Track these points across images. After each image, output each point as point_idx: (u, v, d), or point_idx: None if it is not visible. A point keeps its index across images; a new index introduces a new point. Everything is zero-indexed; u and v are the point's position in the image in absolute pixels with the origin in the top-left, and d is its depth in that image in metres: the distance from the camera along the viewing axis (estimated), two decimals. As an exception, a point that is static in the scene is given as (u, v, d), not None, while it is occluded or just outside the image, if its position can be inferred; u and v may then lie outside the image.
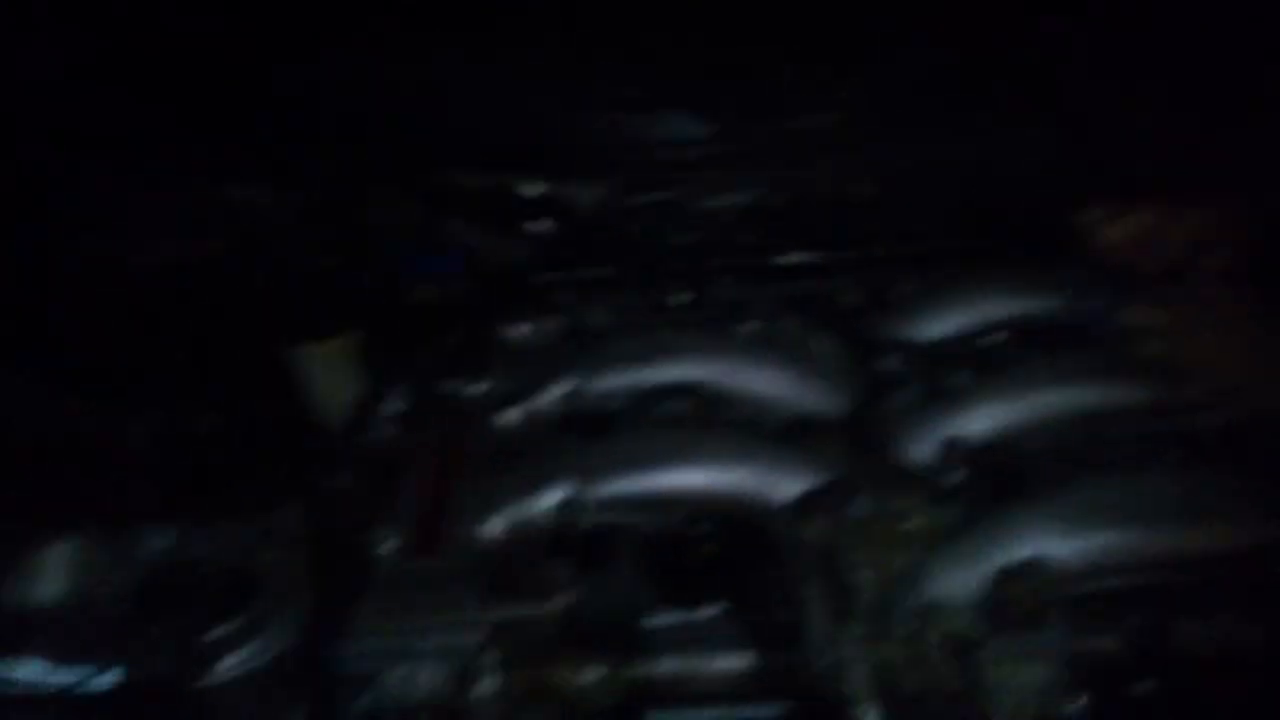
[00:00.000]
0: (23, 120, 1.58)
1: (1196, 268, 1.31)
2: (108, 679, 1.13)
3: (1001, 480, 1.14)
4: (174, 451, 1.51)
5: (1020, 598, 1.00)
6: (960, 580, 1.05)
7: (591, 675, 1.03)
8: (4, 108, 1.54)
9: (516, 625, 1.06)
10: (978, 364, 1.30)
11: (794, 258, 1.54)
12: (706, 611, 1.05)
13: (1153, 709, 0.94)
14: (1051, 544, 1.03)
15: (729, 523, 1.12)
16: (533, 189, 1.81)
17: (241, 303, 1.64)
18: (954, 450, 1.18)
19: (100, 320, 1.62)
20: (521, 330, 1.53)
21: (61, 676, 1.16)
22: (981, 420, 1.21)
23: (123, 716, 1.02)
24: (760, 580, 1.07)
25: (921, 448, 1.22)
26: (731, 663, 1.00)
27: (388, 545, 1.16)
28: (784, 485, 1.16)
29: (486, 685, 1.02)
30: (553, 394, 1.36)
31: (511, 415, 1.37)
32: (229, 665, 1.19)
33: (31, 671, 1.16)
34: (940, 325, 1.40)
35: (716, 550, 1.09)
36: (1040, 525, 1.04)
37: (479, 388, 1.43)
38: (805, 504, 1.13)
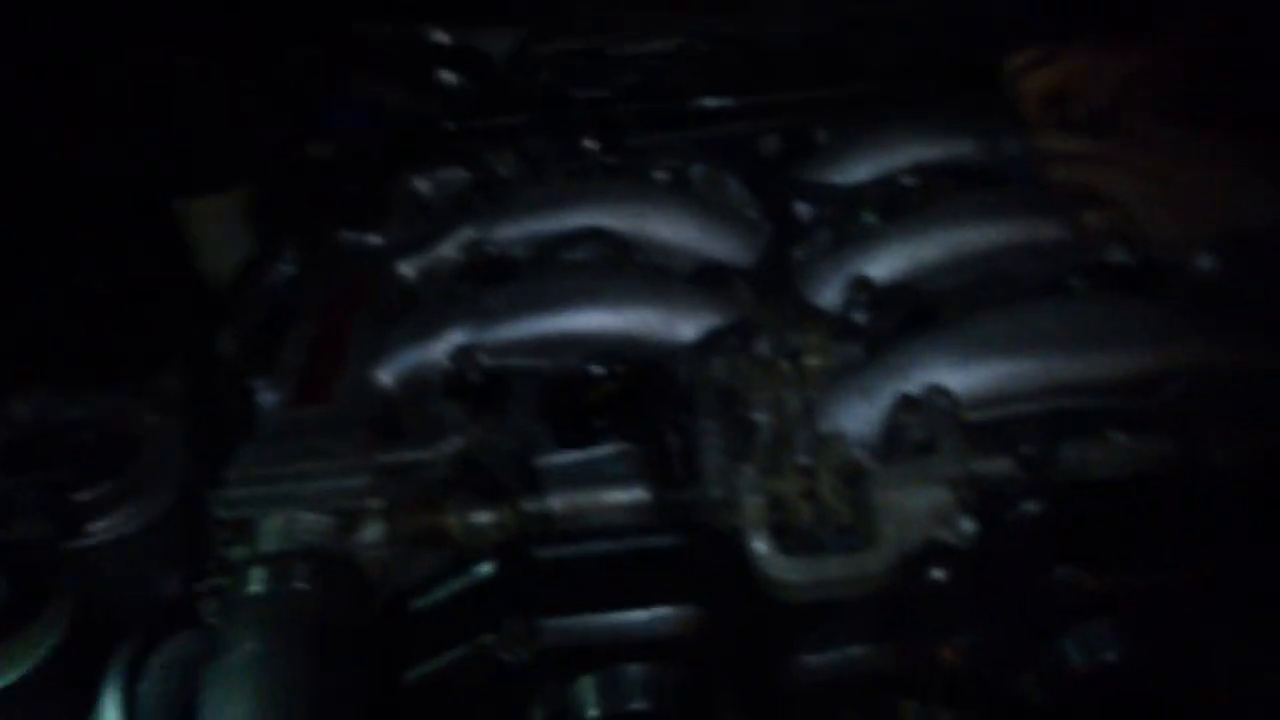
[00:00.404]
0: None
1: (1120, 109, 1.26)
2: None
3: (905, 318, 1.12)
4: (49, 310, 1.44)
5: (914, 426, 0.98)
6: (856, 413, 1.04)
7: (481, 517, 1.00)
8: None
9: (405, 469, 1.03)
10: (887, 206, 1.26)
11: (708, 103, 1.48)
12: (602, 450, 1.02)
13: (1041, 531, 0.93)
14: (948, 374, 1.01)
15: (629, 363, 1.09)
16: (442, 38, 1.72)
17: (128, 154, 1.55)
18: (859, 290, 1.15)
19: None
20: (423, 180, 1.47)
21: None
22: (888, 261, 1.18)
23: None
24: (658, 419, 1.05)
25: (829, 290, 1.19)
26: (624, 497, 0.98)
27: (270, 396, 1.12)
28: (686, 326, 1.13)
29: (371, 531, 0.99)
30: (453, 243, 1.31)
31: (409, 265, 1.32)
32: (102, 528, 1.15)
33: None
34: (854, 171, 1.35)
35: (614, 390, 1.06)
36: (937, 356, 1.02)
37: (377, 239, 1.37)
38: (706, 344, 1.10)
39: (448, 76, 1.70)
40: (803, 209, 1.37)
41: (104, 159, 1.49)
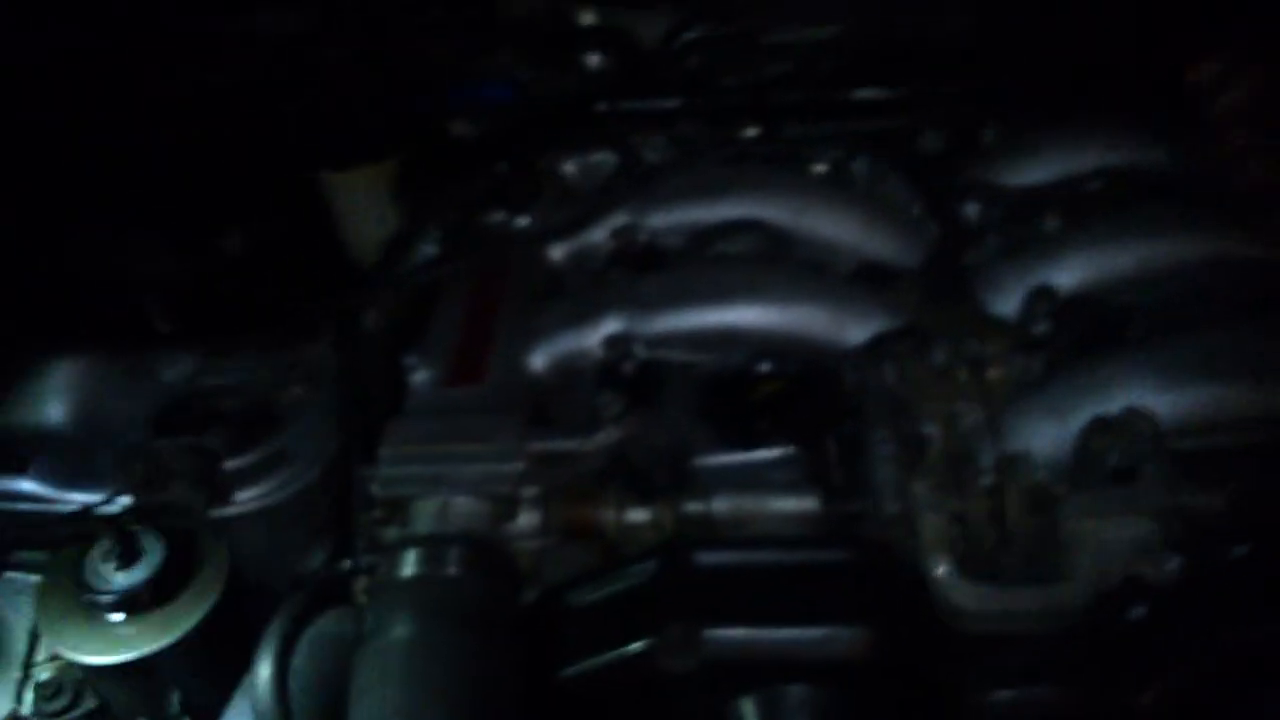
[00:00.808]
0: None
1: None
2: (116, 505, 1.08)
3: (1091, 332, 1.04)
4: (200, 277, 1.44)
5: (1111, 451, 0.91)
6: (1045, 432, 0.96)
7: (637, 515, 0.96)
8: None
9: (559, 459, 0.99)
10: (1068, 212, 1.17)
11: (871, 94, 1.40)
12: (765, 453, 0.96)
13: (1251, 574, 0.85)
14: (1147, 396, 0.93)
15: (793, 364, 1.03)
16: (588, 18, 1.68)
17: (276, 129, 1.54)
18: (1041, 300, 1.07)
19: (128, 143, 1.53)
20: (573, 163, 1.43)
21: (68, 499, 1.11)
22: (1073, 270, 1.10)
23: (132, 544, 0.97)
24: (824, 424, 0.99)
25: (1006, 298, 1.12)
26: (792, 505, 0.92)
27: (422, 373, 1.09)
28: (853, 329, 1.07)
29: (525, 520, 0.96)
30: (604, 228, 1.27)
31: (558, 248, 1.28)
32: (247, 497, 1.15)
33: (35, 491, 1.12)
34: (1028, 172, 1.27)
35: (778, 390, 1.00)
36: (1135, 376, 0.95)
37: (524, 220, 1.33)
38: (877, 348, 1.04)
39: (593, 57, 1.66)
40: (970, 209, 1.29)
41: (254, 131, 1.49)
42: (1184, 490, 0.86)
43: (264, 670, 0.85)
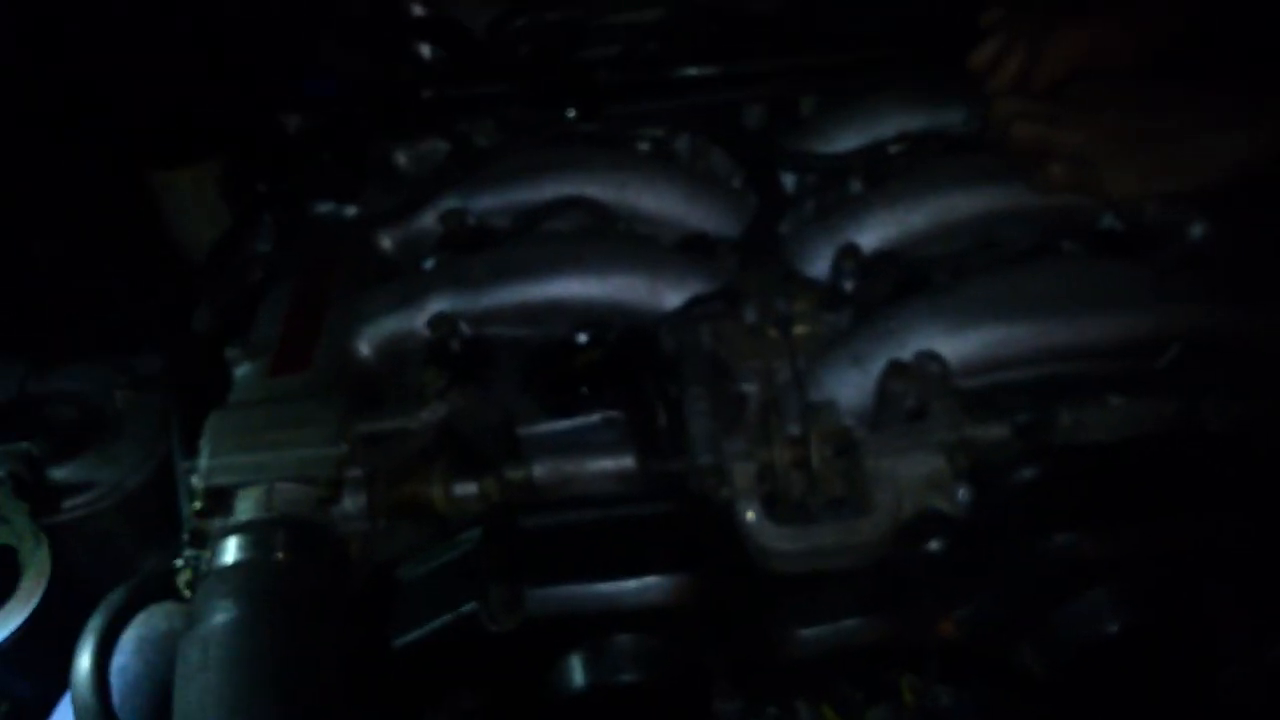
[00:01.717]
0: None
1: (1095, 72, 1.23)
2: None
3: (894, 285, 1.10)
4: (24, 283, 1.40)
5: (906, 394, 0.97)
6: (850, 381, 1.02)
7: (464, 488, 0.97)
8: None
9: (385, 438, 1.00)
10: (872, 175, 1.24)
11: (690, 72, 1.44)
12: (588, 418, 0.99)
13: (1038, 497, 0.91)
14: (940, 340, 0.99)
15: (614, 331, 1.06)
16: (418, 9, 1.68)
17: (101, 128, 1.50)
18: (846, 258, 1.12)
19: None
20: (402, 151, 1.43)
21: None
22: (876, 228, 1.16)
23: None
24: (645, 388, 1.02)
25: (818, 259, 1.17)
26: (611, 465, 0.95)
27: (245, 365, 1.08)
28: (672, 294, 1.10)
29: (350, 502, 0.96)
30: (432, 212, 1.28)
31: (387, 235, 1.29)
32: (75, 503, 1.13)
33: None
34: (840, 140, 1.33)
35: (599, 357, 1.03)
36: (929, 321, 1.01)
37: (353, 209, 1.33)
38: (692, 310, 1.07)
39: (424, 47, 1.66)
40: (788, 179, 1.34)
41: (77, 131, 1.45)
42: (968, 424, 0.93)
43: (82, 663, 0.84)
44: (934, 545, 0.94)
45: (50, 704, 0.92)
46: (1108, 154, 1.10)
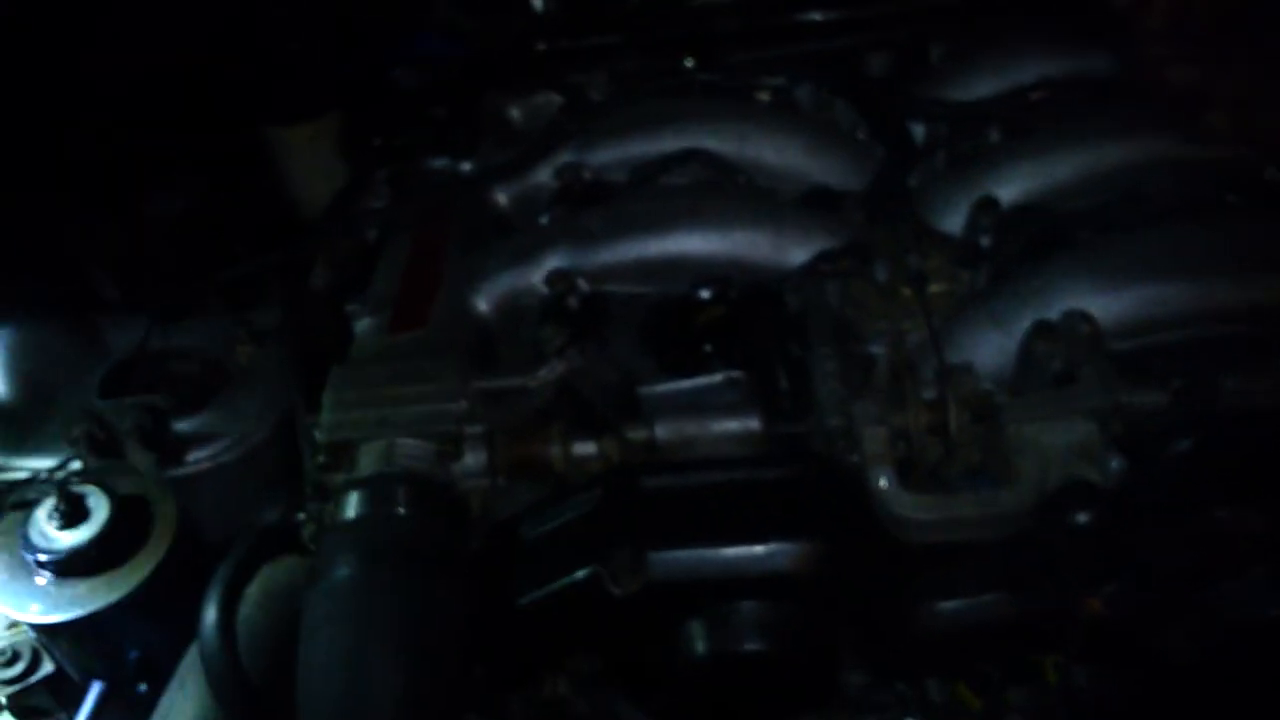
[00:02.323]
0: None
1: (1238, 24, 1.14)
2: (68, 470, 1.08)
3: (1034, 241, 1.03)
4: (145, 240, 1.42)
5: (1053, 356, 0.90)
6: (990, 342, 0.96)
7: (583, 447, 0.95)
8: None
9: (504, 395, 0.98)
10: (1008, 125, 1.16)
11: (814, 16, 1.38)
12: (709, 378, 0.96)
13: (1197, 469, 0.84)
14: (1086, 299, 0.93)
15: (736, 288, 1.02)
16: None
17: (219, 86, 1.51)
18: (984, 212, 1.06)
19: (64, 112, 1.50)
20: (516, 106, 1.41)
21: (17, 465, 1.11)
22: (1016, 181, 1.09)
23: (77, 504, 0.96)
24: (769, 347, 0.98)
25: (952, 213, 1.11)
26: (734, 426, 0.92)
27: (366, 321, 1.08)
28: (797, 250, 1.06)
29: (471, 459, 0.95)
30: (547, 168, 1.25)
31: (503, 191, 1.27)
32: (199, 456, 1.14)
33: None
34: (973, 88, 1.26)
35: (722, 315, 0.99)
36: (1078, 280, 0.94)
37: (468, 164, 1.32)
38: (818, 267, 1.03)
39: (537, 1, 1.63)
40: (918, 129, 1.28)
41: (196, 88, 1.46)
42: (1122, 389, 0.86)
43: (208, 615, 0.84)
44: (1081, 518, 0.89)
45: (178, 654, 0.93)
46: (1277, 100, 1.01)
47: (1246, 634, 0.85)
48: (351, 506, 0.89)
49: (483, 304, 1.10)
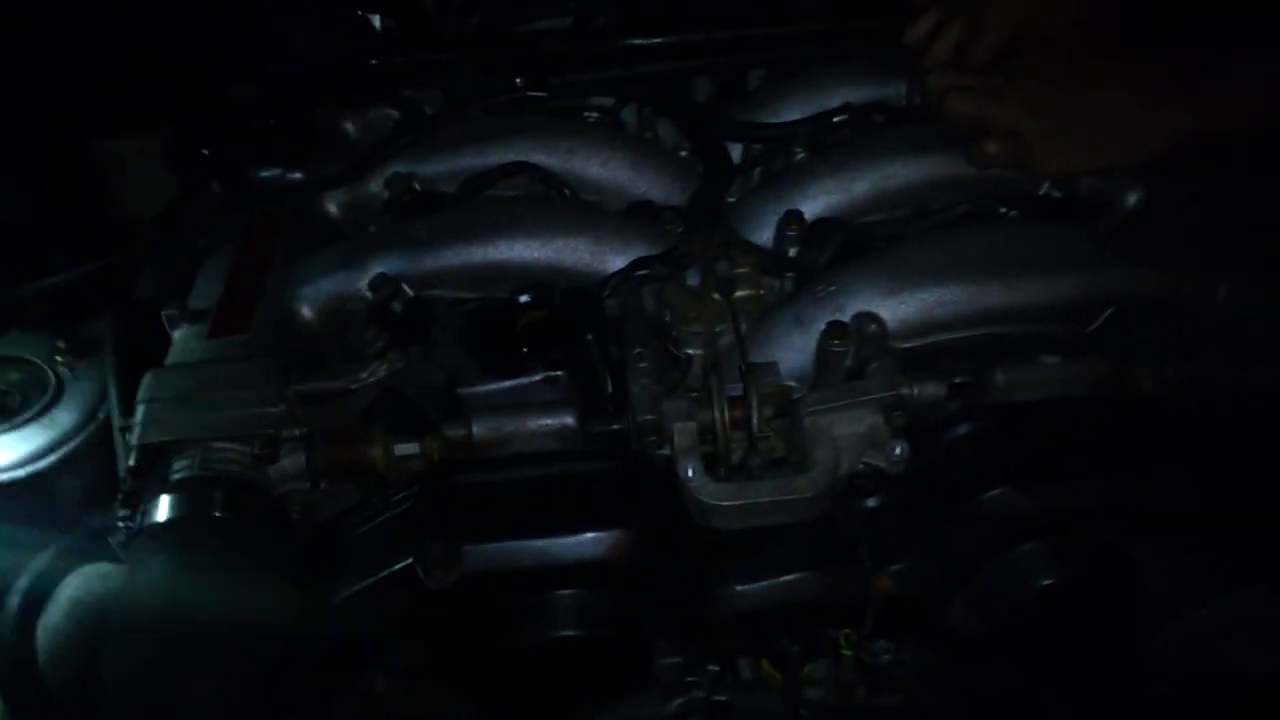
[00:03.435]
0: None
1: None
2: None
3: (837, 250, 1.11)
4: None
5: (845, 353, 0.98)
6: (789, 343, 1.03)
7: (405, 448, 0.97)
8: None
9: (324, 398, 0.99)
10: (813, 145, 1.25)
11: (638, 42, 1.44)
12: (528, 378, 0.99)
13: (973, 454, 0.92)
14: (879, 302, 1.01)
15: (555, 293, 1.06)
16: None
17: (42, 97, 1.47)
18: (789, 224, 1.13)
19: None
20: (352, 121, 1.42)
21: None
22: (818, 196, 1.17)
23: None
24: (587, 348, 1.02)
25: (762, 225, 1.18)
26: (550, 423, 0.95)
27: (185, 328, 1.07)
28: (614, 259, 1.10)
29: (290, 462, 0.95)
30: (379, 178, 1.27)
31: (333, 200, 1.28)
32: (13, 464, 1.11)
33: None
34: (786, 112, 1.33)
35: (541, 318, 1.03)
36: (867, 284, 1.02)
37: (298, 175, 1.32)
38: (635, 272, 1.07)
39: (375, 17, 1.65)
40: (736, 151, 1.35)
41: (20, 98, 1.42)
42: (905, 382, 0.93)
43: (4, 622, 0.82)
44: (871, 502, 0.96)
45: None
46: (1042, 131, 1.09)
47: (1021, 605, 0.93)
48: (164, 510, 0.89)
49: (306, 310, 1.10)
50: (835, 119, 1.26)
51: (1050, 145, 1.09)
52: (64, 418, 1.18)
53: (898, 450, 0.92)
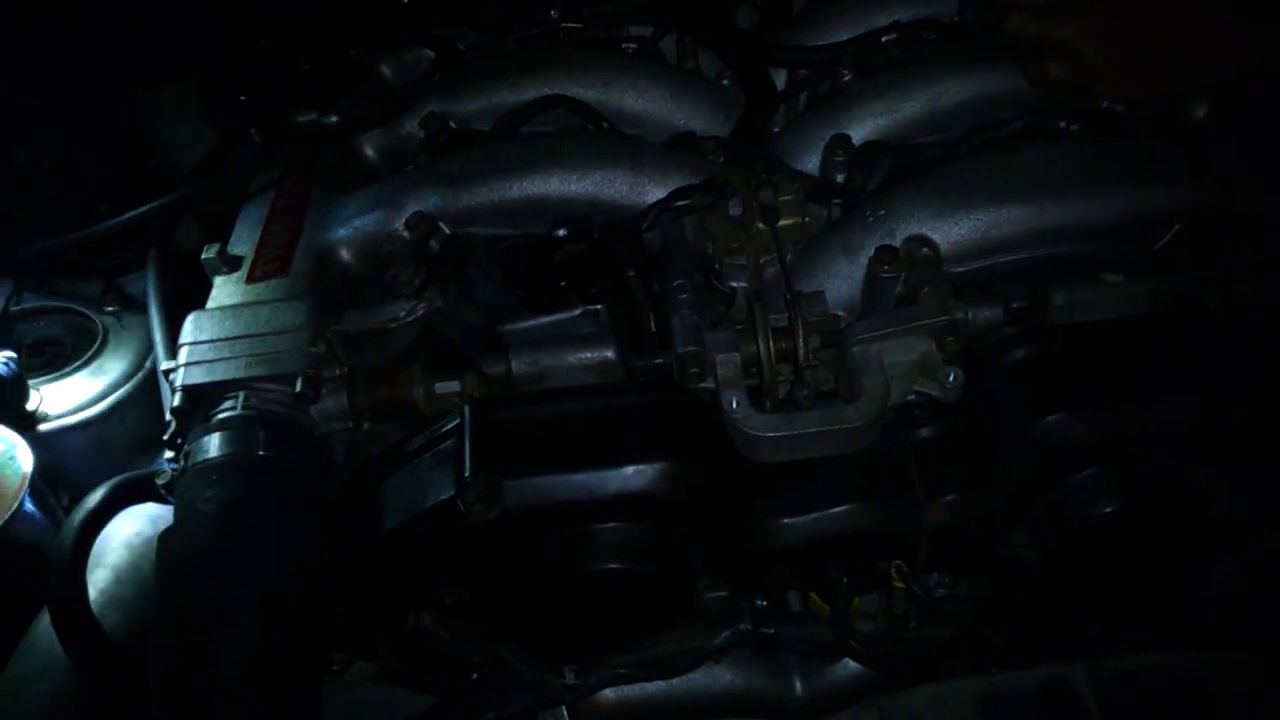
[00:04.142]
0: None
1: None
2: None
3: (886, 174, 1.06)
4: (7, 202, 1.38)
5: (893, 279, 0.94)
6: (837, 271, 0.99)
7: (445, 386, 0.96)
8: None
9: (366, 338, 0.98)
10: (859, 66, 1.20)
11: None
12: (568, 312, 0.97)
13: (1031, 379, 0.89)
14: (931, 225, 0.96)
15: (593, 226, 1.03)
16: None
17: (81, 46, 1.47)
18: (836, 149, 1.09)
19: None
20: (385, 60, 1.40)
21: None
22: (866, 119, 1.12)
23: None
24: (627, 281, 1.00)
25: (809, 152, 1.14)
26: (590, 357, 0.93)
27: (225, 271, 1.07)
28: (652, 190, 1.07)
29: (332, 402, 0.95)
30: (413, 118, 1.25)
31: (369, 141, 1.26)
32: (65, 413, 1.13)
33: None
34: (832, 34, 1.28)
35: (580, 252, 1.01)
36: (918, 207, 0.98)
37: (333, 117, 1.30)
38: (674, 203, 1.04)
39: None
40: (779, 77, 1.30)
41: (59, 49, 1.41)
42: (958, 307, 0.90)
43: (58, 560, 0.83)
44: (924, 431, 0.93)
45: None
46: (1107, 55, 1.04)
47: (1081, 534, 0.90)
48: (211, 448, 0.89)
49: (344, 251, 1.09)
50: (883, 38, 1.21)
51: (1113, 70, 1.04)
52: (112, 365, 1.19)
53: (951, 377, 0.88)
